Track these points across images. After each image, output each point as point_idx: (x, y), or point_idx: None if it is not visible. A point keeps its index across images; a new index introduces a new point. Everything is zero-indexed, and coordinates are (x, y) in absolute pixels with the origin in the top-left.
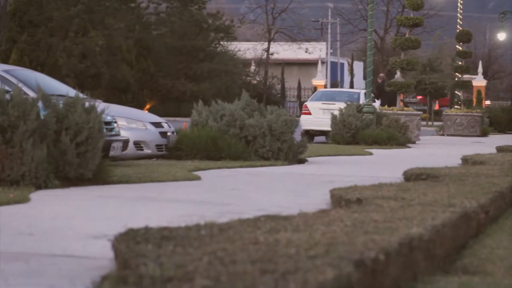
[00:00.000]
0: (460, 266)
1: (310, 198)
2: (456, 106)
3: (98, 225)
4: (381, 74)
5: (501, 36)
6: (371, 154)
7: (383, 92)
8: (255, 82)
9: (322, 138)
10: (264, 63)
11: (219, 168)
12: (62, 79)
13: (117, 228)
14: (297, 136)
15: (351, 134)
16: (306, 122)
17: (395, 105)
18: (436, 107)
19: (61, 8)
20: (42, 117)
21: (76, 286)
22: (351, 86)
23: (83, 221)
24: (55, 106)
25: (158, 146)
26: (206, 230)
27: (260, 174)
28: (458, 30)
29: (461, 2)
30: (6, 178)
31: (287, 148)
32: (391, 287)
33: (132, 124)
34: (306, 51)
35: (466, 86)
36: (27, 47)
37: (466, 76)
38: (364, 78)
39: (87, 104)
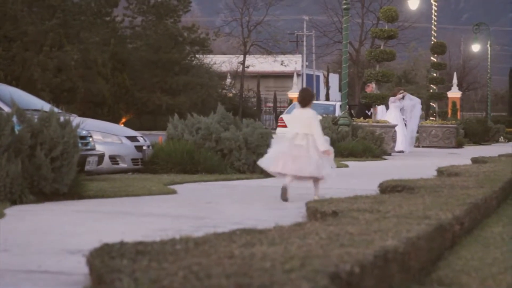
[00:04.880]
0: (436, 278)
1: (286, 211)
2: (431, 118)
3: (73, 240)
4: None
5: (475, 47)
6: (347, 166)
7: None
8: (231, 95)
9: None
10: (240, 76)
11: (194, 181)
12: (37, 93)
13: (92, 243)
14: None
15: None
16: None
17: (370, 117)
18: None
19: (36, 23)
20: (16, 132)
21: None
22: (327, 99)
23: (58, 236)
24: (30, 121)
25: (134, 160)
26: (182, 245)
27: (236, 187)
28: (432, 42)
29: (435, 14)
30: None
31: None
32: None
33: (108, 138)
34: (281, 64)
35: (441, 97)
36: (2, 62)
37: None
38: (340, 90)
39: (62, 118)
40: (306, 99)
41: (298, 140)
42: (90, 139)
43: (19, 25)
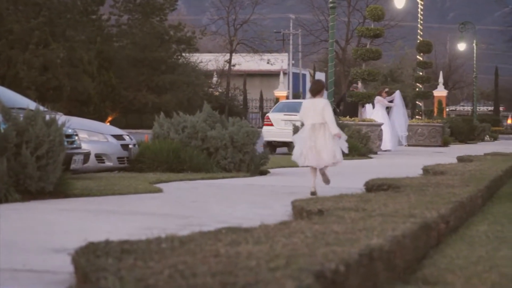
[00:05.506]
0: (421, 277)
1: (272, 209)
2: (417, 117)
3: (58, 238)
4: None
5: (461, 46)
6: None
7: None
8: (217, 93)
9: (284, 149)
10: (226, 74)
11: (180, 180)
12: (23, 91)
13: (78, 242)
14: (259, 148)
15: None
16: (268, 134)
17: (356, 115)
18: None
19: (22, 21)
20: (2, 130)
21: None
22: None
23: (43, 235)
24: (15, 120)
25: (120, 159)
26: (167, 243)
27: (222, 186)
28: (418, 41)
29: (422, 13)
30: None
31: (249, 160)
32: None
33: (93, 136)
34: (268, 62)
35: (427, 96)
36: None
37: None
38: (326, 89)
39: (47, 117)
40: (317, 89)
41: (317, 132)
42: (76, 138)
43: (4, 23)
